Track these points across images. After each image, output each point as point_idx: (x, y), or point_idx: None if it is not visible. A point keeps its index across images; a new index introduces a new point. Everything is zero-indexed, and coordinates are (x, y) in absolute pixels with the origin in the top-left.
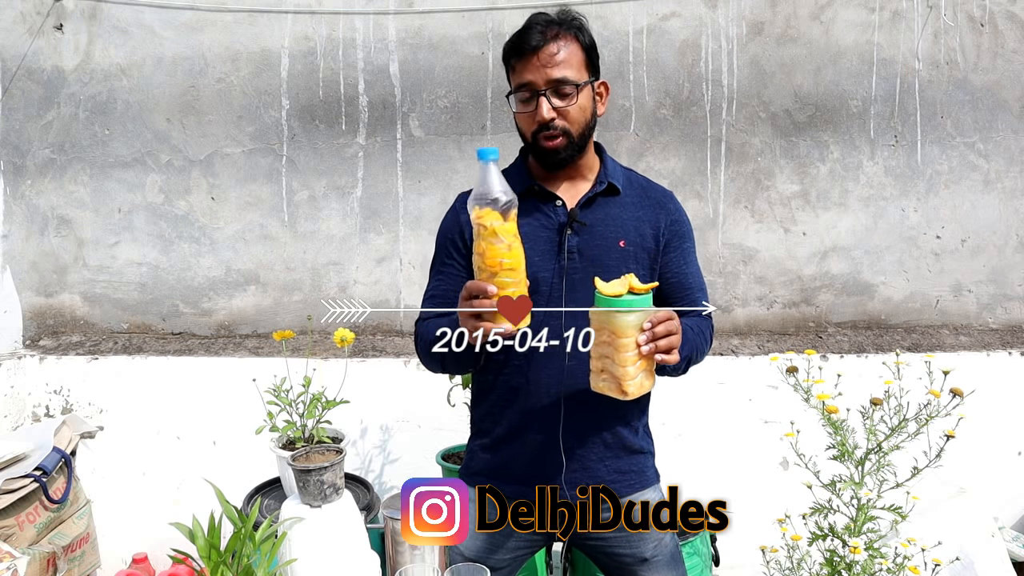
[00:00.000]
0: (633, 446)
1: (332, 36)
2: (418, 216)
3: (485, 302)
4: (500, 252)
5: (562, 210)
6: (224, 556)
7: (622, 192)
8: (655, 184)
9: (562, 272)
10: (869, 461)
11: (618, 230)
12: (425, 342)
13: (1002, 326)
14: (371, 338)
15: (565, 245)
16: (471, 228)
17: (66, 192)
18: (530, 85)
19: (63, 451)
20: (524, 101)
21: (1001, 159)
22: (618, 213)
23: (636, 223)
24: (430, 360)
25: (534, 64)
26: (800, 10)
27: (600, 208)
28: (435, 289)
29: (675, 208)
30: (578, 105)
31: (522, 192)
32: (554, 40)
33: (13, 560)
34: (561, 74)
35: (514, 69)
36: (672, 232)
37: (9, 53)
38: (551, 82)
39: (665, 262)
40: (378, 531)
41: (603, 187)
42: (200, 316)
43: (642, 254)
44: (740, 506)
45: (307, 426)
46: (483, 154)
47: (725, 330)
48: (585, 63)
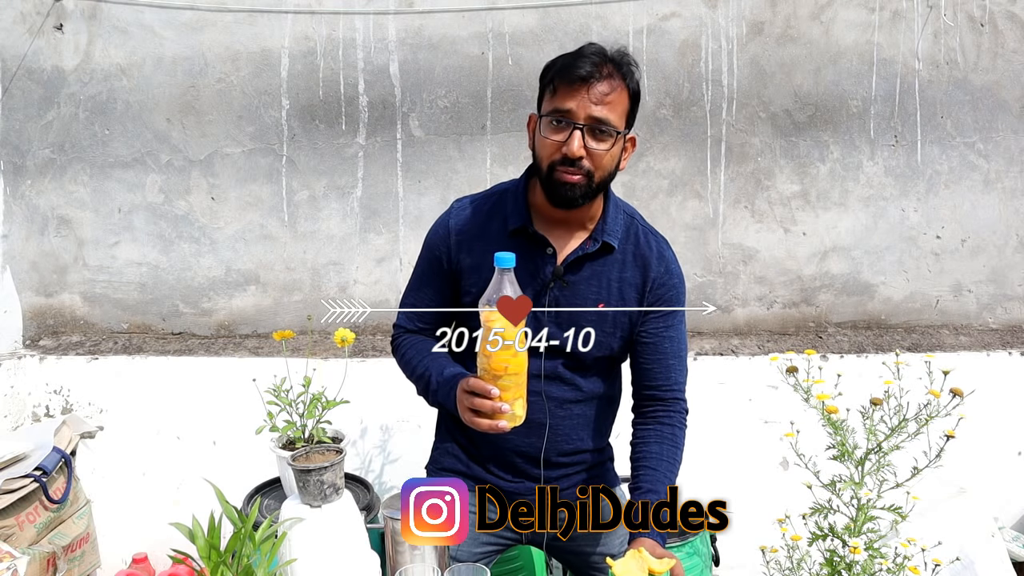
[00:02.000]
0: (595, 448)
1: (332, 36)
2: (418, 216)
3: (486, 403)
4: (506, 358)
5: (551, 260)
6: (224, 556)
7: (616, 250)
8: (652, 236)
9: (538, 324)
10: (869, 461)
11: (600, 291)
12: (402, 363)
13: (1002, 326)
14: (371, 338)
15: (546, 299)
16: (459, 244)
17: (66, 192)
18: (569, 114)
19: (63, 451)
20: (555, 127)
21: (1001, 159)
22: (604, 273)
23: (620, 284)
24: (413, 377)
25: (581, 95)
26: (800, 10)
27: (587, 266)
28: (415, 300)
29: (665, 270)
30: (610, 153)
31: (516, 230)
32: (607, 79)
33: (13, 560)
34: (604, 115)
35: (556, 92)
36: (656, 296)
37: (9, 53)
38: (592, 119)
39: (645, 323)
40: (378, 531)
41: (596, 247)
42: (200, 316)
43: (621, 317)
44: (740, 506)
45: (307, 426)
46: (500, 261)
47: (725, 330)
48: (627, 113)
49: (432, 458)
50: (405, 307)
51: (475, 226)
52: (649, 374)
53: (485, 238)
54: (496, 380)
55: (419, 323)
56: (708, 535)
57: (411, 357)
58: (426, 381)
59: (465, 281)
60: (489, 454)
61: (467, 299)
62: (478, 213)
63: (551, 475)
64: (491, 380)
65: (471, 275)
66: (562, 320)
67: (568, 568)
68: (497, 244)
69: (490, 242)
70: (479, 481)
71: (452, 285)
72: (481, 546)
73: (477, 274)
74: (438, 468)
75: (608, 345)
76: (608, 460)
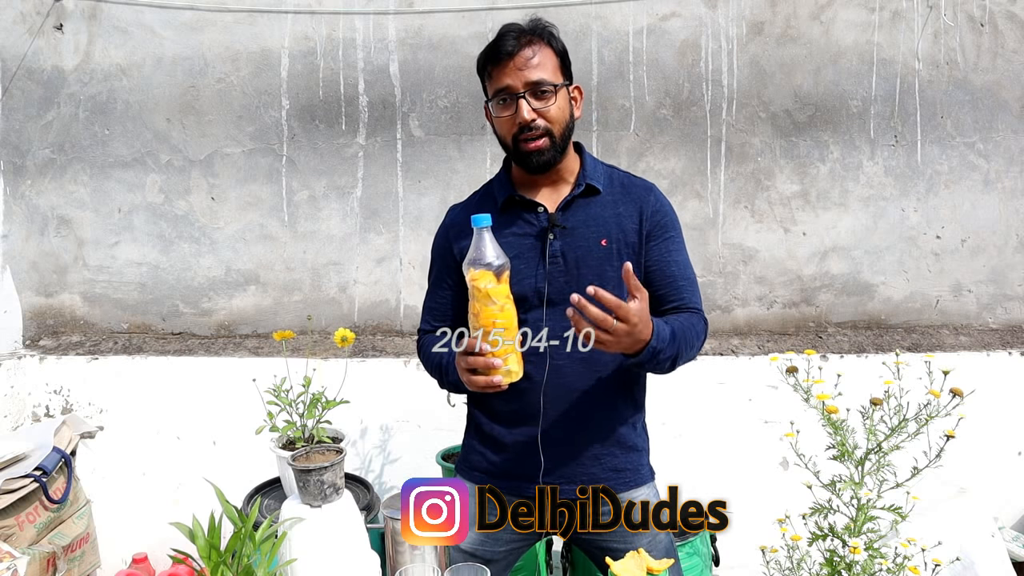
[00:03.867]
0: (628, 443)
1: (332, 36)
2: (418, 216)
3: (479, 360)
4: (493, 313)
5: (543, 216)
6: (224, 556)
7: (603, 191)
8: (636, 179)
9: (546, 277)
10: (869, 461)
11: (599, 229)
12: (424, 360)
13: (1002, 326)
14: (371, 338)
15: (548, 250)
16: (459, 247)
17: (66, 192)
18: (508, 88)
19: (63, 451)
20: (503, 104)
21: (1001, 159)
22: (599, 212)
23: (617, 219)
24: (431, 370)
25: (511, 69)
26: (800, 10)
27: (581, 210)
28: (431, 302)
29: (656, 199)
30: (557, 106)
31: (504, 202)
32: (528, 46)
33: (13, 560)
34: (538, 76)
35: (491, 76)
36: (653, 223)
37: (9, 53)
38: (529, 84)
39: (649, 253)
40: (378, 531)
41: (581, 189)
42: (200, 316)
43: (625, 250)
44: (740, 506)
45: (307, 426)
46: (477, 221)
47: (725, 330)
48: (559, 67)
49: (461, 456)
50: (423, 312)
51: (468, 214)
52: (663, 298)
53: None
54: (486, 336)
55: (434, 322)
56: (708, 535)
57: (429, 354)
58: (443, 367)
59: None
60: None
61: None
62: (469, 205)
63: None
64: (483, 337)
65: None
66: (570, 267)
67: (597, 565)
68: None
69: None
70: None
71: (460, 274)
72: (507, 544)
73: None
74: (467, 467)
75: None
76: (634, 450)
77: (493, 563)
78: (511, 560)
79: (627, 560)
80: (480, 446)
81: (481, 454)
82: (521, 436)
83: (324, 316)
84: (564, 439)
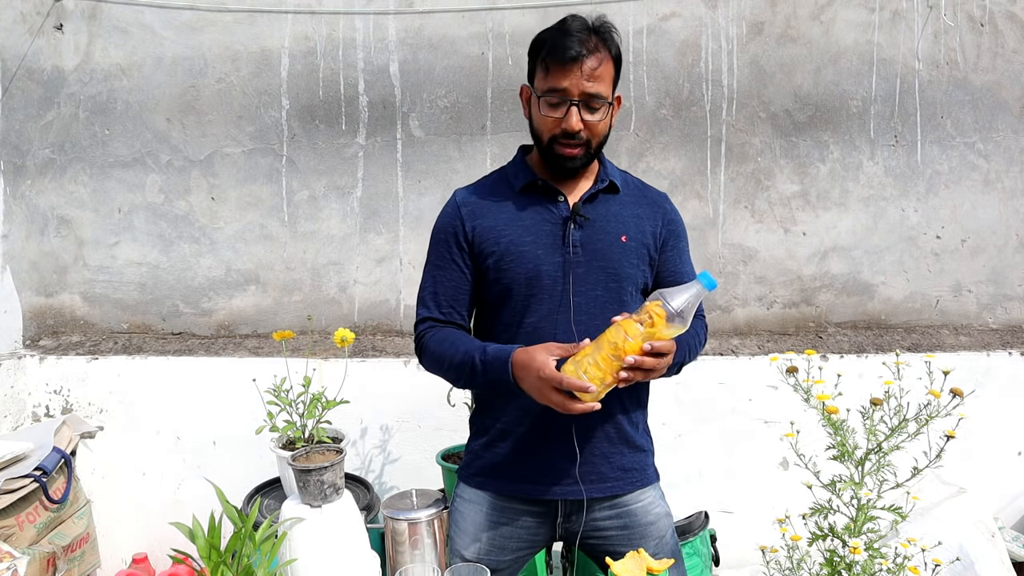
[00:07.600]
0: (635, 443)
1: (332, 36)
2: (418, 216)
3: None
4: (633, 349)
5: (564, 205)
6: (224, 556)
7: (621, 191)
8: (650, 186)
9: (566, 266)
10: (869, 461)
11: (620, 225)
12: (434, 358)
13: (1002, 326)
14: (371, 338)
15: (569, 239)
16: (471, 213)
17: (66, 192)
18: (565, 92)
19: (63, 451)
20: (552, 105)
21: (1001, 159)
22: (618, 210)
23: (636, 220)
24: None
25: (574, 74)
26: (800, 10)
27: (601, 204)
28: (438, 286)
29: (671, 208)
30: (604, 121)
31: (525, 186)
32: (594, 54)
33: (13, 560)
34: (596, 90)
35: (548, 71)
36: (669, 231)
37: (9, 53)
38: (586, 95)
39: (662, 260)
40: (378, 531)
41: (604, 184)
42: (200, 316)
43: (642, 250)
44: (740, 506)
45: (307, 426)
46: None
47: (725, 330)
48: (614, 79)
49: (466, 462)
50: (424, 300)
51: (482, 195)
52: None
53: (496, 198)
54: (598, 352)
55: (445, 308)
56: (708, 535)
57: (443, 350)
58: (471, 365)
59: (485, 242)
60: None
61: (491, 259)
62: (482, 187)
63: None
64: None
65: (488, 235)
66: (588, 258)
67: (600, 568)
68: (509, 203)
69: (502, 201)
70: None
71: (472, 256)
72: (513, 552)
73: (495, 232)
74: (471, 473)
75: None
76: (640, 450)
77: (497, 572)
78: (515, 569)
79: (627, 560)
80: (488, 451)
81: (489, 459)
82: (535, 437)
83: (324, 316)
84: (577, 437)
